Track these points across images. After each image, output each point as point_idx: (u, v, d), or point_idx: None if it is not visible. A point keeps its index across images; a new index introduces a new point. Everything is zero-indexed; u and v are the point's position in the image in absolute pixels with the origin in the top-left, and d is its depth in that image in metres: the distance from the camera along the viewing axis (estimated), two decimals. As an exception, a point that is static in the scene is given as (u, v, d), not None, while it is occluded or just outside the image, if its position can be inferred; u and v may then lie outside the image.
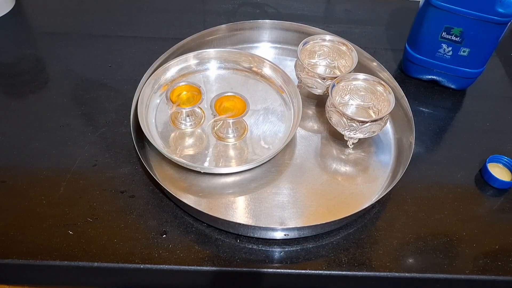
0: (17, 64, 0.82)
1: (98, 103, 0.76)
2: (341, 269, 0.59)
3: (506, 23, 0.70)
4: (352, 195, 0.66)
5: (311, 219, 0.63)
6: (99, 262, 0.58)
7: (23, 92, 0.77)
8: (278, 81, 0.78)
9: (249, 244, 0.61)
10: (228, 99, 0.70)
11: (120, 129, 0.72)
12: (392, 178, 0.68)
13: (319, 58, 0.80)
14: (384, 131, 0.74)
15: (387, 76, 0.76)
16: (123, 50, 0.85)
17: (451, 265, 0.60)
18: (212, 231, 0.62)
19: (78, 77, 0.80)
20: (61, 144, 0.70)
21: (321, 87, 0.73)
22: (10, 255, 0.57)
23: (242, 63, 0.80)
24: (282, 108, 0.76)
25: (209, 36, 0.83)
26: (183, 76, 0.78)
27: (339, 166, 0.70)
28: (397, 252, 0.61)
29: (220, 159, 0.69)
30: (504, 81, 0.86)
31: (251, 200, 0.65)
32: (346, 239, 0.62)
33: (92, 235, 0.60)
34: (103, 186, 0.65)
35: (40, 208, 0.62)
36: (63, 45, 0.85)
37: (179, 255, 0.59)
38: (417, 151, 0.68)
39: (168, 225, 0.62)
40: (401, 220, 0.64)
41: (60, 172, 0.66)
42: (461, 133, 0.76)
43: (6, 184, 0.64)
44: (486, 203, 0.67)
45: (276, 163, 0.69)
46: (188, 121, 0.72)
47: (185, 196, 0.64)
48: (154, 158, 0.68)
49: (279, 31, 0.86)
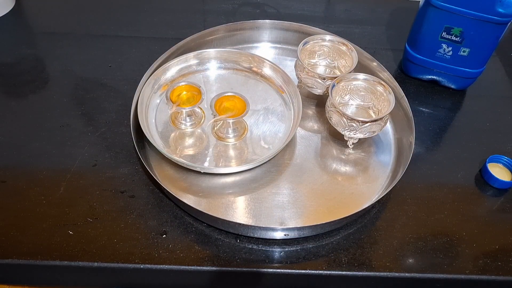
0: (17, 64, 0.82)
1: (98, 103, 0.76)
2: (341, 269, 0.59)
3: (506, 23, 0.70)
4: (352, 195, 0.66)
5: (311, 219, 0.63)
6: (99, 262, 0.58)
7: (23, 92, 0.77)
8: (278, 81, 0.78)
9: (249, 244, 0.61)
10: (228, 99, 0.70)
11: (120, 129, 0.72)
12: (392, 178, 0.68)
13: (319, 58, 0.80)
14: (384, 131, 0.74)
15: (387, 76, 0.76)
16: (123, 50, 0.85)
17: (451, 265, 0.60)
18: (212, 231, 0.62)
19: (78, 77, 0.80)
20: (61, 144, 0.70)
21: (321, 87, 0.73)
22: (10, 255, 0.57)
23: (242, 63, 0.80)
24: (282, 108, 0.76)
25: (209, 36, 0.83)
26: (183, 76, 0.78)
27: (339, 166, 0.70)
28: (397, 252, 0.61)
29: (220, 159, 0.69)
30: (504, 81, 0.86)
31: (251, 200, 0.65)
32: (346, 239, 0.62)
33: (92, 235, 0.60)
34: (103, 186, 0.65)
35: (40, 208, 0.62)
36: (63, 45, 0.85)
37: (179, 255, 0.59)
38: (417, 151, 0.68)
39: (168, 225, 0.62)
40: (401, 220, 0.64)
41: (60, 172, 0.66)
42: (461, 133, 0.76)
43: (6, 184, 0.64)
44: (486, 203, 0.67)
45: (276, 163, 0.69)
46: (188, 121, 0.72)
47: (185, 196, 0.64)
48: (154, 158, 0.68)
49: (279, 31, 0.86)
